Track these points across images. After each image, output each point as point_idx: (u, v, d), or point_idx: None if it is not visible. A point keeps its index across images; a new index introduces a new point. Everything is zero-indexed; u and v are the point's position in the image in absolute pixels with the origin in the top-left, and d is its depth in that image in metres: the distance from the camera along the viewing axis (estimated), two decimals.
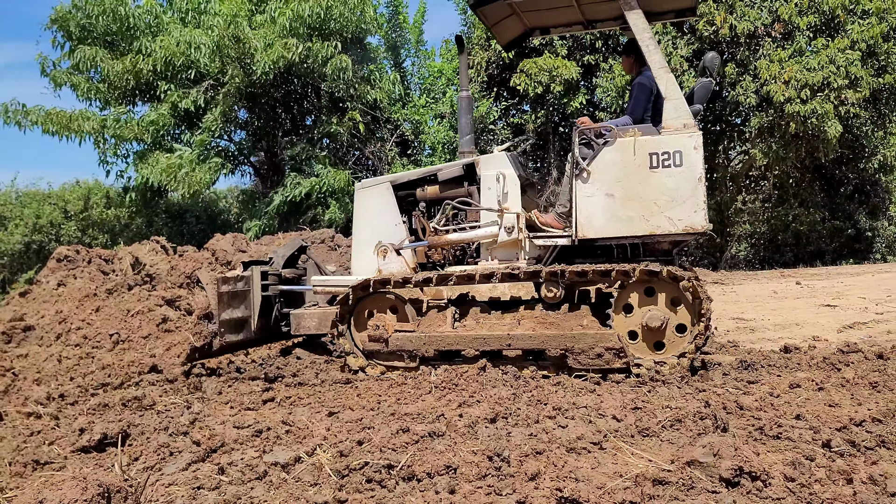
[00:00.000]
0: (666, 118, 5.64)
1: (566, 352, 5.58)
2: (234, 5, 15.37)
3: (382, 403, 4.83)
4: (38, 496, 2.37)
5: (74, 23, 15.62)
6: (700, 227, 5.49)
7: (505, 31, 7.11)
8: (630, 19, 5.76)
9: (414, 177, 6.57)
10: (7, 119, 15.44)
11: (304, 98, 18.08)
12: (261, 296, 6.69)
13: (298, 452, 3.63)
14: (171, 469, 3.53)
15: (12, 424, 4.60)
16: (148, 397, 5.13)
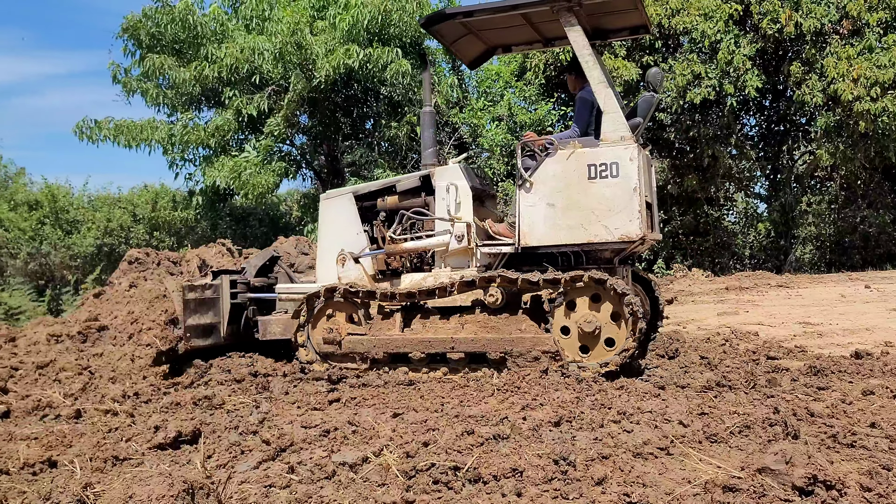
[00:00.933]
0: (604, 131, 5.87)
1: (506, 354, 5.86)
2: (296, 12, 15.64)
3: (446, 405, 4.86)
4: (128, 491, 2.47)
5: (144, 31, 16.13)
6: (634, 236, 5.68)
7: (466, 49, 7.30)
8: (570, 37, 5.97)
9: (375, 187, 6.87)
10: (81, 136, 16.09)
11: (364, 102, 18.29)
12: (230, 303, 7.04)
13: (365, 453, 3.69)
14: (243, 467, 3.63)
15: (91, 421, 4.78)
16: (217, 396, 5.27)
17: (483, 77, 19.59)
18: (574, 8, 5.94)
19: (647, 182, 6.24)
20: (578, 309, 5.81)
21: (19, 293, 15.39)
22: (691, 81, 16.18)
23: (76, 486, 3.03)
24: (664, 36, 17.12)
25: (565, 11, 5.96)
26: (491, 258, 6.27)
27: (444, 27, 6.65)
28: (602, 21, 6.60)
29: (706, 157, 17.31)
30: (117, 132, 16.14)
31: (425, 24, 6.66)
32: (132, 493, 2.45)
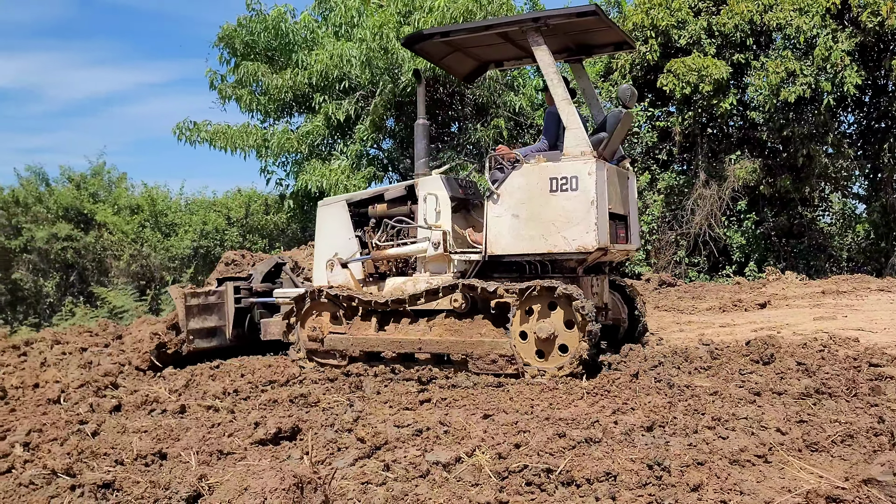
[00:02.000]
0: (566, 146, 6.14)
1: (467, 357, 6.16)
2: (382, 17, 15.89)
3: (535, 408, 4.89)
4: (242, 483, 2.60)
5: (239, 40, 16.71)
6: (591, 247, 5.90)
7: (456, 65, 7.67)
8: (537, 55, 6.26)
9: (366, 195, 7.28)
10: (180, 136, 16.84)
11: (449, 106, 18.43)
12: (234, 307, 7.64)
13: (458, 453, 3.75)
14: (340, 464, 3.75)
15: (195, 416, 5.00)
16: (312, 395, 5.43)
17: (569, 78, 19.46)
18: (541, 28, 6.21)
19: (618, 194, 6.49)
20: (534, 316, 6.01)
21: (123, 293, 16.17)
22: (785, 79, 15.68)
23: (192, 478, 3.20)
24: (756, 32, 16.63)
25: (532, 31, 6.22)
26: (466, 265, 6.51)
27: (428, 45, 6.95)
28: (583, 38, 6.92)
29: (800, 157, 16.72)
30: (214, 136, 16.79)
31: (406, 43, 7.00)
32: (247, 485, 2.58)
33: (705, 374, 5.71)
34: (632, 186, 6.98)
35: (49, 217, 22.21)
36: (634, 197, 7.07)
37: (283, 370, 6.44)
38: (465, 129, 17.80)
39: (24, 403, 5.66)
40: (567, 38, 6.90)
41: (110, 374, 6.26)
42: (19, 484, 3.40)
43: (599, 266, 6.92)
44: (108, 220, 22.19)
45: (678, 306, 11.35)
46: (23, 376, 6.47)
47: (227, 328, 7.65)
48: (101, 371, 6.36)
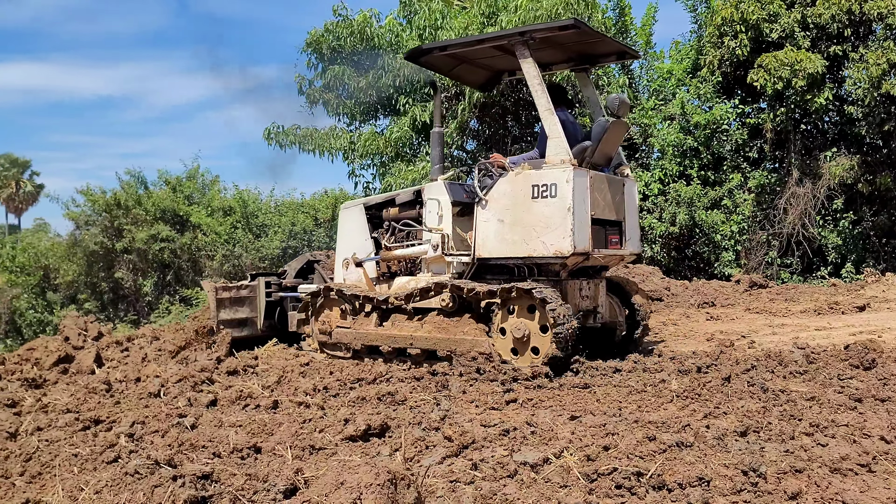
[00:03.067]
0: (548, 154, 6.39)
1: (451, 353, 6.47)
2: (466, 19, 15.95)
3: (623, 410, 4.83)
4: (339, 478, 2.67)
5: (326, 45, 17.07)
6: (566, 252, 6.15)
7: (469, 76, 8.07)
8: (523, 67, 6.59)
9: (381, 199, 7.76)
10: (270, 140, 17.33)
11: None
12: (265, 301, 8.40)
13: (546, 454, 3.74)
14: (428, 462, 3.79)
15: (286, 412, 5.14)
16: (399, 393, 5.50)
17: (654, 76, 19.09)
18: (528, 42, 6.52)
19: (608, 201, 6.72)
20: (513, 316, 6.31)
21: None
22: (886, 71, 14.97)
23: (288, 471, 3.29)
24: (854, 23, 15.94)
25: (520, 45, 6.55)
26: (463, 266, 6.81)
27: (433, 59, 7.32)
28: (586, 49, 7.24)
29: None
30: (303, 139, 17.22)
31: (408, 57, 7.44)
32: (343, 480, 2.65)
33: (801, 379, 5.52)
34: (629, 192, 7.15)
35: (147, 219, 23.19)
36: (634, 203, 7.26)
37: (371, 369, 6.55)
38: None
39: (127, 396, 5.94)
40: (571, 49, 7.20)
41: (206, 370, 6.50)
42: (125, 473, 3.56)
43: (592, 269, 7.12)
44: (202, 222, 23.01)
45: (770, 308, 10.99)
46: (126, 371, 6.79)
47: (259, 319, 8.42)
48: (198, 367, 6.60)
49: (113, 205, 23.57)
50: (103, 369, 7.21)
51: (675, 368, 5.98)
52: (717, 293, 12.74)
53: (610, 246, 6.79)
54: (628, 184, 7.16)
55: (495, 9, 16.47)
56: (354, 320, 7.20)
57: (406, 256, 7.25)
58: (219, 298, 8.16)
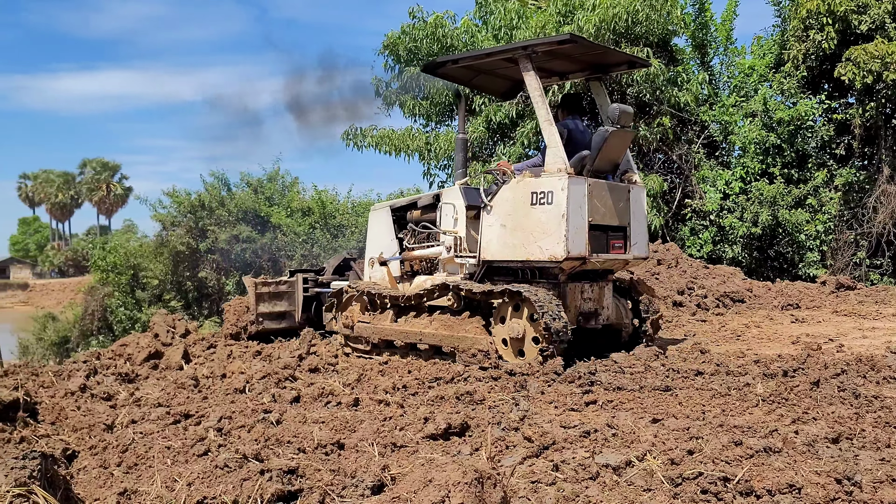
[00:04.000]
0: (546, 163, 6.67)
1: (454, 349, 6.78)
2: (543, 18, 15.87)
3: (707, 413, 4.73)
4: (426, 475, 2.71)
5: (403, 47, 17.24)
6: (559, 256, 6.43)
7: (490, 85, 8.37)
8: (525, 79, 6.85)
9: (405, 202, 8.20)
10: (348, 142, 17.64)
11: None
12: (303, 296, 9.06)
13: (628, 456, 3.70)
14: (508, 462, 3.80)
15: (367, 409, 5.23)
16: (478, 392, 5.52)
17: (735, 72, 18.61)
18: (531, 55, 6.79)
19: (609, 207, 6.92)
20: (509, 316, 6.61)
21: None
22: None
23: (375, 468, 3.36)
24: None
25: (523, 58, 6.83)
26: (473, 267, 7.12)
27: (450, 71, 7.68)
28: (597, 59, 7.53)
29: None
30: (380, 140, 17.45)
31: (425, 70, 7.83)
32: (431, 477, 2.68)
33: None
34: (636, 198, 7.31)
35: (230, 220, 23.85)
36: (641, 208, 7.41)
37: (449, 368, 6.59)
38: None
39: (214, 392, 6.14)
40: (581, 59, 7.50)
41: (289, 367, 6.66)
42: (215, 466, 3.69)
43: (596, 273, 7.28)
44: (282, 222, 23.53)
45: (859, 311, 10.58)
46: (212, 367, 7.01)
47: (297, 312, 9.14)
48: (281, 364, 6.77)
49: (197, 206, 24.33)
50: (191, 365, 7.47)
51: (759, 372, 5.83)
52: (802, 295, 12.33)
53: (612, 251, 7.01)
54: (635, 190, 7.33)
55: (571, 7, 16.34)
56: (373, 316, 7.64)
57: (424, 257, 7.68)
58: (258, 293, 8.91)
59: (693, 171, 17.65)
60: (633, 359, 6.78)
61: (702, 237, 17.02)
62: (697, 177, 17.53)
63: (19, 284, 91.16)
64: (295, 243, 22.99)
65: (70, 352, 24.35)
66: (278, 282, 9.23)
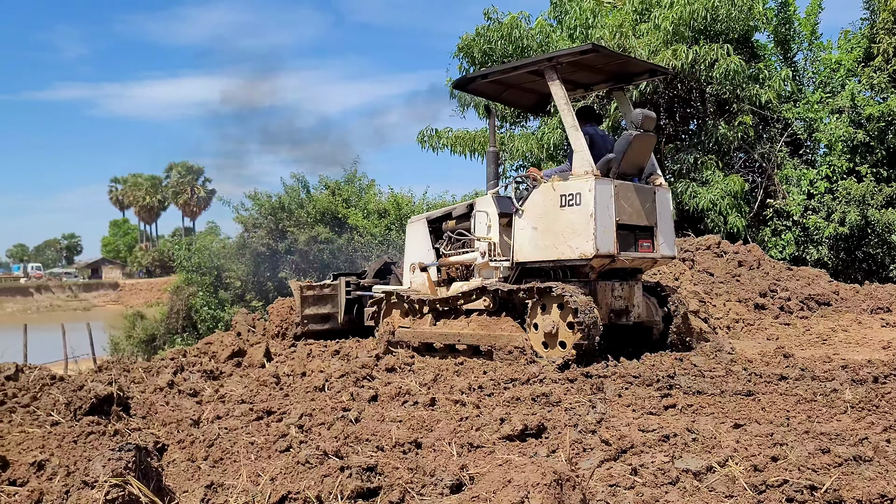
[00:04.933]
0: (573, 167, 7.04)
1: (491, 348, 7.11)
2: (619, 16, 15.68)
3: (792, 420, 4.60)
4: (505, 476, 2.73)
5: (477, 49, 17.28)
6: (589, 254, 6.75)
7: (518, 99, 8.80)
8: (551, 89, 7.21)
9: (440, 213, 8.71)
10: (423, 144, 17.78)
11: (688, 102, 17.76)
12: (345, 298, 9.52)
13: (709, 462, 3.63)
14: (586, 464, 3.78)
15: (444, 409, 5.27)
16: (554, 394, 5.50)
17: (820, 67, 17.98)
18: (556, 66, 7.17)
19: (636, 207, 7.21)
20: (542, 313, 6.94)
21: None
22: None
23: (454, 467, 3.39)
24: None
25: (548, 70, 7.21)
26: (507, 270, 7.48)
27: (480, 86, 8.19)
28: (619, 69, 7.86)
29: None
30: (455, 142, 17.54)
31: (456, 86, 8.33)
32: (510, 478, 2.70)
33: None
34: (661, 200, 7.59)
35: (309, 221, 24.34)
36: (667, 209, 7.68)
37: (524, 369, 6.58)
38: (706, 125, 17.04)
39: (294, 390, 6.28)
40: (603, 70, 7.86)
41: (366, 367, 6.76)
42: (297, 462, 3.78)
43: (625, 272, 7.58)
44: (359, 224, 23.87)
45: None
46: (293, 365, 7.18)
47: (340, 314, 9.59)
48: (359, 363, 6.88)
49: (277, 208, 24.91)
50: (272, 363, 7.66)
51: (847, 378, 5.64)
52: (893, 298, 11.82)
53: (640, 250, 7.30)
54: (660, 192, 7.63)
55: (648, 5, 16.08)
56: (414, 321, 8.02)
57: (460, 262, 8.11)
58: (304, 296, 9.37)
59: (775, 171, 17.14)
60: (714, 362, 6.65)
61: (784, 238, 16.51)
62: (780, 176, 17.02)
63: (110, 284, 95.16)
64: (371, 244, 23.29)
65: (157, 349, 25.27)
66: (322, 285, 9.71)
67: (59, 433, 4.60)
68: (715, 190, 15.69)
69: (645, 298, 7.78)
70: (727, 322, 10.11)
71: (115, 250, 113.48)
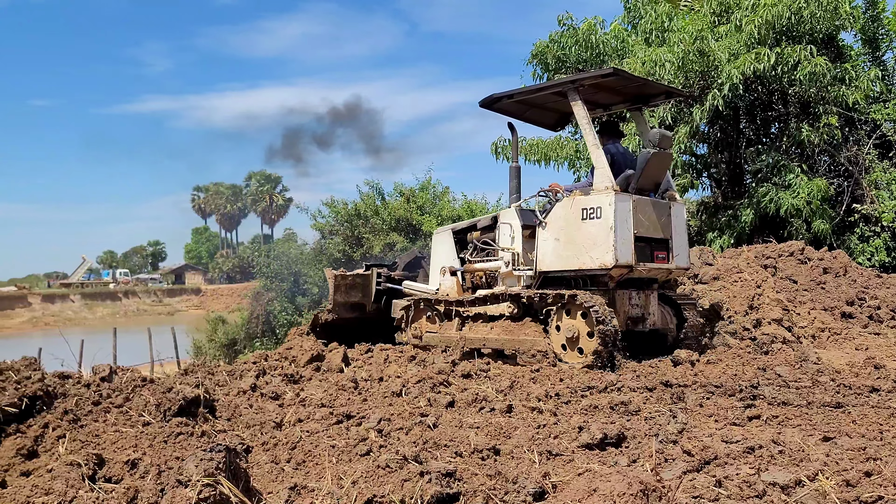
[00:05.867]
0: (594, 183, 7.45)
1: (516, 351, 7.66)
2: (698, 19, 15.39)
3: (885, 433, 4.43)
4: (590, 485, 2.72)
5: (551, 55, 17.19)
6: (609, 264, 7.16)
7: (541, 118, 9.17)
8: (573, 109, 7.64)
9: (465, 225, 9.30)
10: (496, 153, 17.71)
11: (770, 105, 17.28)
12: (375, 289, 9.86)
13: (797, 475, 3.52)
14: (668, 475, 3.71)
15: (521, 416, 5.26)
16: (633, 403, 5.43)
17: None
18: (578, 88, 7.58)
19: (653, 221, 7.60)
20: (565, 319, 7.31)
21: None
22: None
23: (536, 474, 3.39)
24: None
25: (571, 91, 7.62)
26: (531, 279, 7.89)
27: (504, 105, 8.57)
28: (637, 91, 8.28)
29: None
30: (528, 150, 17.46)
31: (483, 105, 8.57)
32: (595, 486, 2.68)
33: None
34: (676, 214, 8.02)
35: (384, 228, 24.63)
36: (682, 223, 8.11)
37: (602, 377, 6.52)
38: (789, 128, 16.54)
39: (373, 394, 6.37)
40: (622, 92, 8.27)
41: (443, 372, 6.80)
42: (378, 466, 3.84)
43: (642, 281, 7.90)
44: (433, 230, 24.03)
45: None
46: (370, 370, 7.28)
47: (368, 303, 9.96)
48: (436, 369, 6.93)
49: (353, 215, 25.29)
50: (350, 368, 7.78)
51: None
52: None
53: (656, 261, 7.67)
54: (675, 206, 8.07)
55: (727, 6, 15.73)
56: (440, 325, 8.55)
57: (485, 269, 8.57)
58: (336, 284, 9.83)
59: (863, 174, 16.50)
60: (799, 372, 6.45)
61: (873, 244, 15.86)
62: (868, 180, 16.38)
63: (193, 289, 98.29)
64: None
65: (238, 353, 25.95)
66: (355, 275, 10.08)
67: (150, 433, 4.79)
68: (798, 194, 15.20)
69: (660, 307, 8.17)
70: (812, 331, 9.79)
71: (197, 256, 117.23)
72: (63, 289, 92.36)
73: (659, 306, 8.15)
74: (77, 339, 20.31)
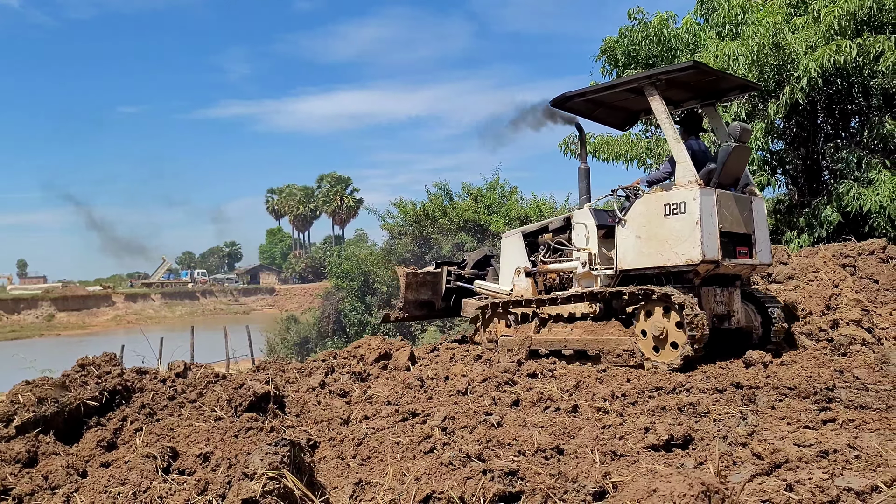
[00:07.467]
0: (677, 177, 7.32)
1: (599, 352, 7.46)
2: (774, 11, 14.93)
3: None
4: (650, 485, 2.68)
5: (621, 50, 16.91)
6: (696, 259, 6.99)
7: (609, 118, 9.07)
8: (652, 104, 7.50)
9: (536, 227, 9.13)
10: (565, 151, 17.53)
11: (850, 99, 16.65)
12: (445, 287, 10.00)
13: (874, 481, 3.41)
14: (736, 478, 3.63)
15: (586, 416, 5.22)
16: (702, 404, 5.32)
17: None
18: (655, 83, 7.44)
19: (735, 216, 7.50)
20: (653, 317, 7.17)
21: None
22: None
23: (596, 474, 3.36)
24: None
25: (648, 86, 7.49)
26: (609, 279, 7.76)
27: (574, 105, 8.46)
28: (710, 86, 8.09)
29: None
30: (599, 147, 17.24)
31: (554, 104, 8.48)
32: (655, 487, 2.65)
33: None
34: (757, 209, 7.91)
35: (452, 228, 24.73)
36: (763, 218, 8.01)
37: (670, 378, 6.41)
38: (870, 122, 15.91)
39: (438, 393, 6.41)
40: (696, 87, 8.07)
41: (508, 372, 6.80)
42: (441, 463, 3.87)
43: (725, 278, 7.77)
44: (501, 230, 24.02)
45: None
46: (436, 369, 7.33)
47: (438, 301, 10.07)
48: (501, 368, 6.93)
49: (422, 216, 25.47)
50: (416, 367, 7.84)
51: None
52: None
53: (739, 256, 7.53)
54: (756, 201, 7.96)
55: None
56: (517, 329, 8.37)
57: (559, 270, 8.47)
58: (407, 281, 9.86)
59: None
60: (879, 375, 6.22)
61: None
62: None
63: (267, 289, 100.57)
64: None
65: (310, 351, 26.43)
66: (426, 272, 10.12)
67: (221, 427, 4.94)
68: (882, 191, 14.59)
69: (743, 305, 8.01)
70: (895, 332, 9.40)
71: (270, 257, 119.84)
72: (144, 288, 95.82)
73: (742, 304, 7.99)
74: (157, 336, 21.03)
